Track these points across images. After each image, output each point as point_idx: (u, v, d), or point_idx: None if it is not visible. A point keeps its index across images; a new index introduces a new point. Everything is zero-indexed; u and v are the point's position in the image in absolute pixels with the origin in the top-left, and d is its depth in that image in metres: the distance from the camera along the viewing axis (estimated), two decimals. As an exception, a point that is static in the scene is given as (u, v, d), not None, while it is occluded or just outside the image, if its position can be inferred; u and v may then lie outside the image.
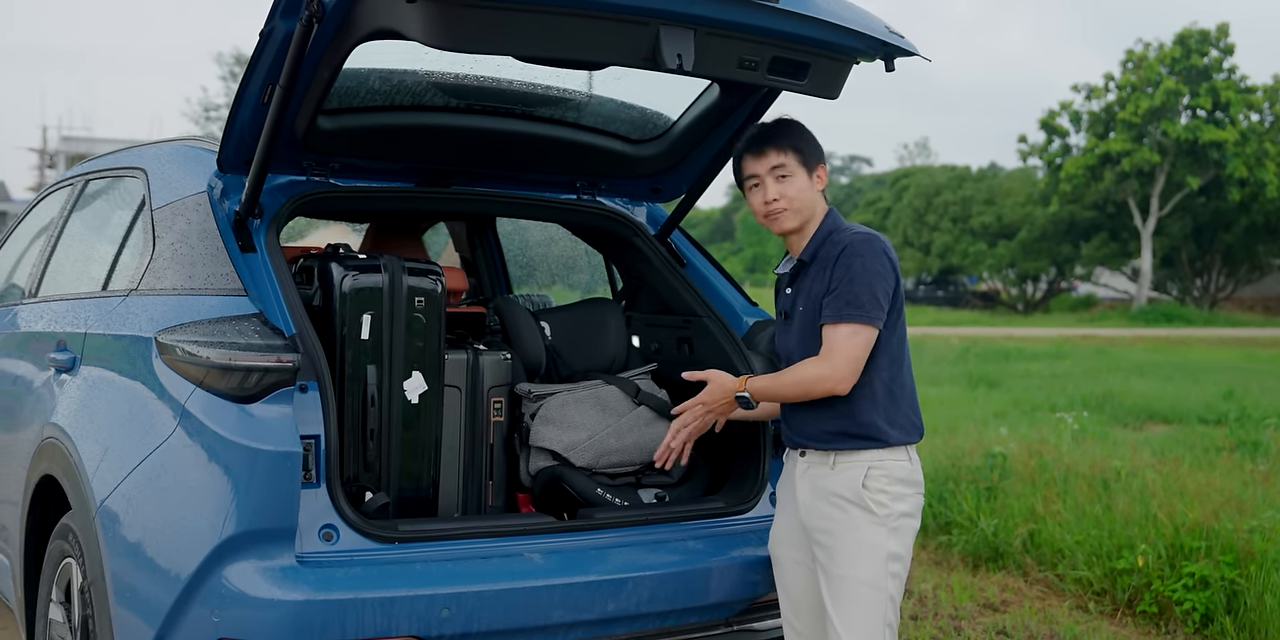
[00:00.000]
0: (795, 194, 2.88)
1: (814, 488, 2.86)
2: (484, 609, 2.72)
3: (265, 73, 2.79)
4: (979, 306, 45.42)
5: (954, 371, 15.42)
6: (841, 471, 2.82)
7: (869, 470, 2.81)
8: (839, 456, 2.83)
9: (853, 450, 2.82)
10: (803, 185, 2.89)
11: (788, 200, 2.89)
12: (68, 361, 3.26)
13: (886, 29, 2.87)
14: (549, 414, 3.36)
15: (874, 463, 2.81)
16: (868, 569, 2.78)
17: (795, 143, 2.90)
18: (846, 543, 2.79)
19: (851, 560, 2.78)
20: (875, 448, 2.82)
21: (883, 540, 2.79)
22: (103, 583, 2.78)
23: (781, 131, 2.93)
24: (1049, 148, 40.59)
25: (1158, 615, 4.97)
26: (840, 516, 2.80)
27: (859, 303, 2.76)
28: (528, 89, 3.34)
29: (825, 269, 2.84)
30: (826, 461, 2.84)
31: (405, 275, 3.09)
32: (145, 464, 2.75)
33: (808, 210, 2.91)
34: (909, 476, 2.85)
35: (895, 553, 2.80)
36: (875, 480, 2.80)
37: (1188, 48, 37.58)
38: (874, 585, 2.78)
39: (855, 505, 2.79)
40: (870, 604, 2.77)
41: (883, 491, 2.80)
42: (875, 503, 2.79)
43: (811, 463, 2.88)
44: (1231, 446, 8.45)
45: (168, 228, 3.15)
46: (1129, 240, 41.06)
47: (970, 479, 6.70)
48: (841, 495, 2.80)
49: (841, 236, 2.86)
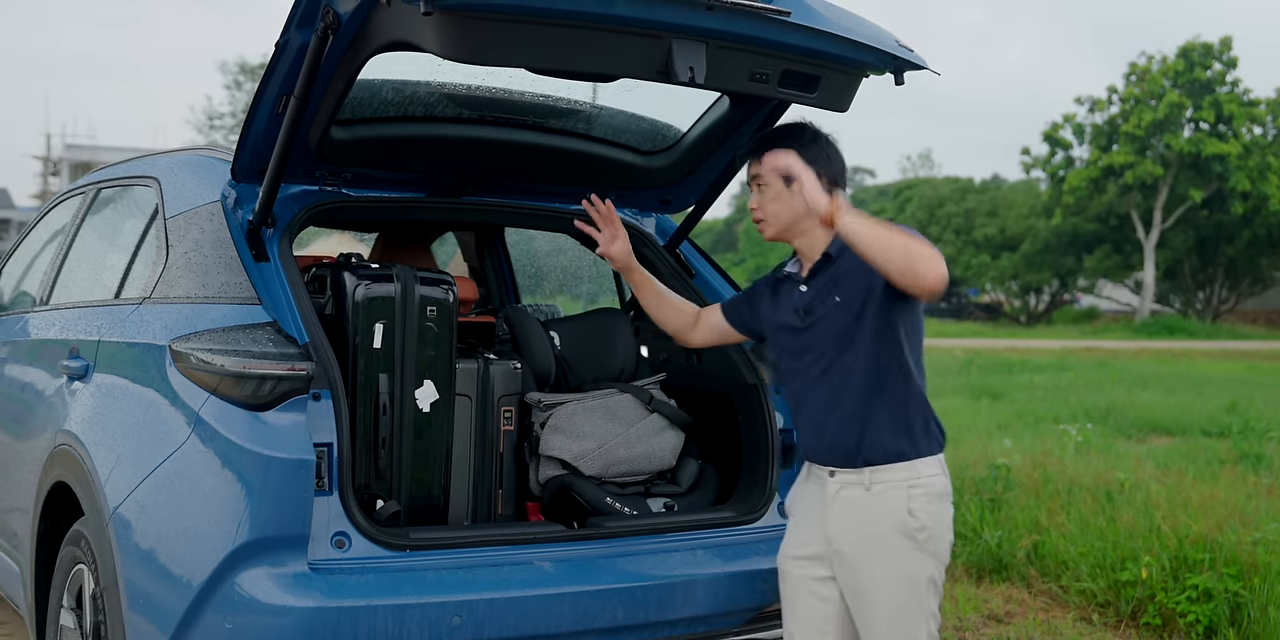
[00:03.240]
0: (768, 203, 2.85)
1: (849, 513, 2.77)
2: (495, 617, 2.73)
3: (280, 83, 2.81)
4: (981, 318, 45.41)
5: (957, 383, 15.42)
6: (880, 496, 2.73)
7: (910, 492, 2.73)
8: (874, 475, 2.74)
9: (888, 464, 2.73)
10: (775, 195, 2.83)
11: (764, 212, 2.87)
12: (81, 369, 3.28)
13: (896, 42, 2.89)
14: (559, 423, 3.38)
15: (913, 482, 2.73)
16: (911, 595, 2.73)
17: (768, 150, 2.83)
18: (885, 570, 2.73)
19: (893, 588, 2.73)
20: (911, 459, 2.74)
21: (924, 565, 2.74)
22: (116, 589, 2.80)
23: (767, 139, 2.89)
24: (1052, 160, 40.65)
25: (1161, 627, 4.98)
26: (879, 545, 2.73)
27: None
28: (539, 100, 3.37)
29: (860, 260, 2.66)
30: (861, 482, 2.75)
31: (417, 285, 3.11)
32: (159, 471, 2.77)
33: (788, 221, 2.84)
34: (945, 490, 2.79)
35: (934, 576, 2.76)
36: (917, 501, 2.72)
37: (1191, 61, 37.66)
38: (918, 608, 2.74)
39: (898, 534, 2.73)
40: (915, 627, 2.74)
41: (925, 512, 2.73)
42: (918, 529, 2.72)
43: (844, 484, 2.77)
44: (1235, 459, 8.46)
45: (181, 237, 3.18)
46: (1131, 253, 41.07)
47: (974, 490, 6.71)
48: (884, 524, 2.73)
49: None
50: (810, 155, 2.79)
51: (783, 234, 2.87)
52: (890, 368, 2.76)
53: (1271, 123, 38.13)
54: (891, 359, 2.77)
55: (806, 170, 2.69)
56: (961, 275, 44.86)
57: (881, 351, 2.76)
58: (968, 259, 44.02)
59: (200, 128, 52.11)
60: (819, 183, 2.68)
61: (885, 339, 2.76)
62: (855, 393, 2.76)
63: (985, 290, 47.10)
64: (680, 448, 3.46)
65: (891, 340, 2.77)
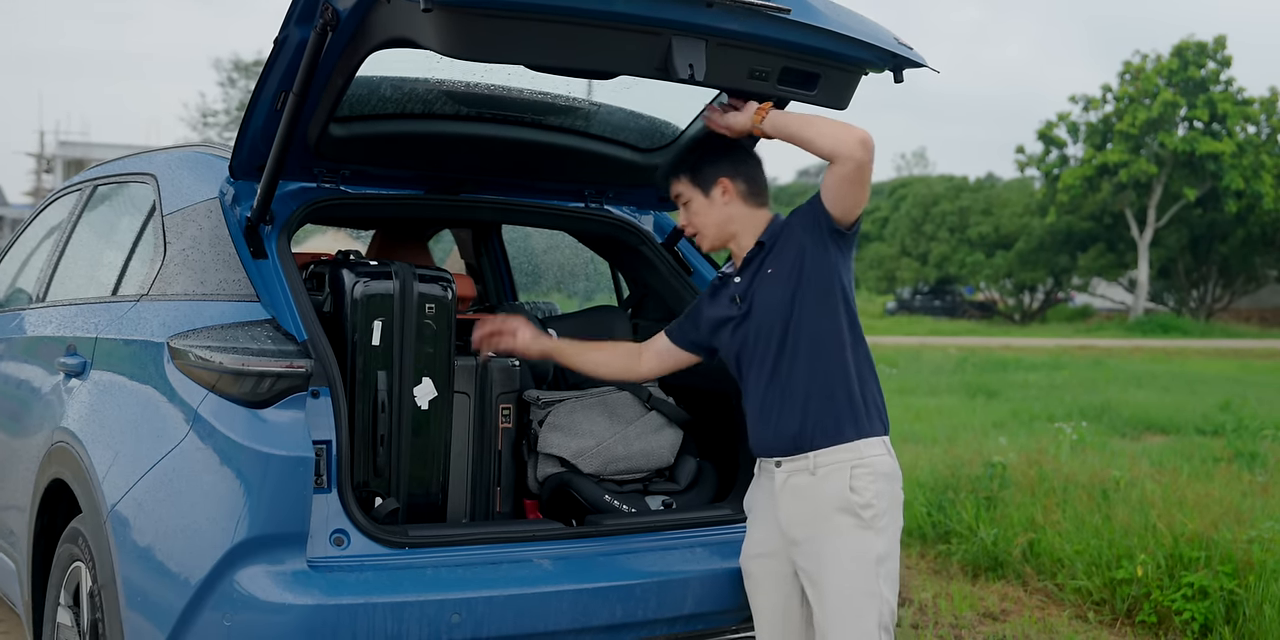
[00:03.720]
0: (697, 218, 2.97)
1: (797, 499, 2.81)
2: (494, 614, 2.73)
3: (279, 80, 2.81)
4: (976, 316, 45.47)
5: (952, 381, 15.45)
6: (824, 479, 2.77)
7: (853, 471, 2.76)
8: (818, 459, 2.78)
9: (831, 447, 2.77)
10: (699, 207, 2.96)
11: (694, 226, 2.99)
12: (78, 366, 3.27)
13: (895, 40, 2.89)
14: (557, 421, 3.38)
15: (856, 462, 2.77)
16: (858, 576, 2.74)
17: (684, 169, 2.99)
18: (833, 551, 2.75)
19: (840, 569, 2.75)
20: (853, 440, 2.77)
21: (870, 544, 2.75)
22: (114, 587, 2.79)
23: (676, 162, 3.04)
24: (1046, 158, 40.69)
25: (1157, 625, 4.99)
26: (825, 526, 2.76)
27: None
28: (537, 97, 3.37)
29: (788, 229, 2.87)
30: (807, 468, 2.79)
31: (416, 282, 3.11)
32: (157, 468, 2.77)
33: (717, 228, 2.95)
34: (890, 470, 2.82)
35: (883, 554, 2.77)
36: (860, 480, 2.76)
37: (1185, 60, 37.72)
38: (866, 591, 2.74)
39: (841, 511, 2.76)
40: (864, 611, 2.73)
41: (868, 490, 2.76)
42: (861, 506, 2.75)
43: (791, 472, 2.82)
44: (1229, 457, 8.48)
45: (179, 234, 3.17)
46: (1126, 251, 41.14)
47: (970, 488, 6.71)
48: (829, 504, 2.76)
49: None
50: (701, 167, 2.98)
51: (718, 240, 2.98)
52: (831, 341, 2.81)
53: (1265, 121, 38.20)
54: (832, 330, 2.82)
55: (721, 125, 2.91)
56: (956, 273, 44.92)
57: (821, 320, 2.81)
58: (962, 257, 44.07)
59: (194, 125, 52.08)
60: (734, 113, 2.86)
61: (824, 306, 2.81)
62: (799, 375, 2.80)
63: (980, 288, 47.17)
64: (678, 445, 3.46)
65: (830, 307, 2.82)
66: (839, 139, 2.70)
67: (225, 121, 51.15)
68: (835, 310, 2.82)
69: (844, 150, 2.69)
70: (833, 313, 2.82)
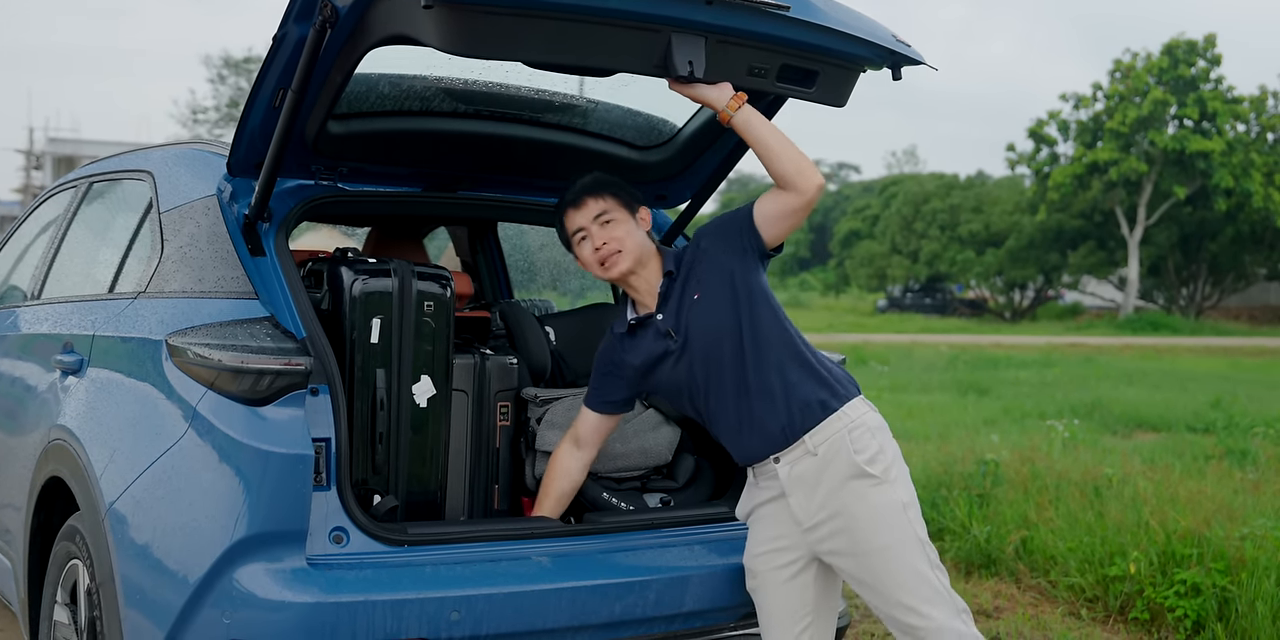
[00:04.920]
0: (624, 235, 2.97)
1: (808, 484, 2.83)
2: (493, 612, 2.73)
3: (277, 77, 2.80)
4: (966, 314, 45.58)
5: (944, 378, 15.48)
6: (826, 454, 2.80)
7: (850, 435, 2.81)
8: (813, 438, 2.81)
9: (820, 424, 2.81)
10: (629, 228, 2.98)
11: (617, 242, 2.97)
12: (75, 363, 3.26)
13: (894, 37, 2.90)
14: (555, 418, 3.37)
15: (850, 426, 2.82)
16: (894, 528, 2.79)
17: (611, 190, 3.01)
18: (863, 517, 2.79)
19: (875, 530, 2.79)
20: (838, 408, 2.82)
21: (891, 495, 2.81)
22: (112, 585, 2.78)
23: (595, 182, 3.04)
24: (1037, 156, 40.80)
25: (1149, 622, 5.01)
26: (846, 496, 2.80)
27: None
28: (535, 95, 3.37)
29: (701, 254, 2.92)
30: (807, 451, 2.82)
31: (415, 280, 3.10)
32: (156, 466, 2.76)
33: (638, 250, 2.98)
34: (881, 424, 2.89)
35: (906, 501, 2.83)
36: (860, 440, 2.81)
37: (1175, 58, 37.82)
38: (905, 538, 2.79)
39: (855, 478, 2.79)
40: (910, 557, 2.79)
41: (870, 446, 2.81)
42: (869, 463, 2.79)
43: (792, 463, 2.84)
44: (1220, 455, 8.50)
45: (176, 231, 3.16)
46: (1116, 249, 41.26)
47: (963, 485, 6.73)
48: (840, 475, 2.80)
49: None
50: (625, 193, 3.05)
51: (635, 264, 2.98)
52: (779, 340, 2.87)
53: (1255, 120, 38.32)
54: (776, 331, 2.88)
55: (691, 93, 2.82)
56: (946, 271, 45.00)
57: (762, 325, 2.87)
58: (952, 255, 44.15)
59: (184, 122, 51.89)
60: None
61: (763, 314, 2.88)
62: (767, 378, 2.84)
63: (970, 286, 47.27)
64: (676, 443, 3.47)
65: (768, 313, 2.89)
66: (802, 170, 2.76)
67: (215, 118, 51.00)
68: (774, 315, 2.91)
69: (802, 182, 2.76)
70: (771, 316, 2.90)
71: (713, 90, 2.78)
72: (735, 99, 2.78)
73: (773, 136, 2.79)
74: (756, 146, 2.81)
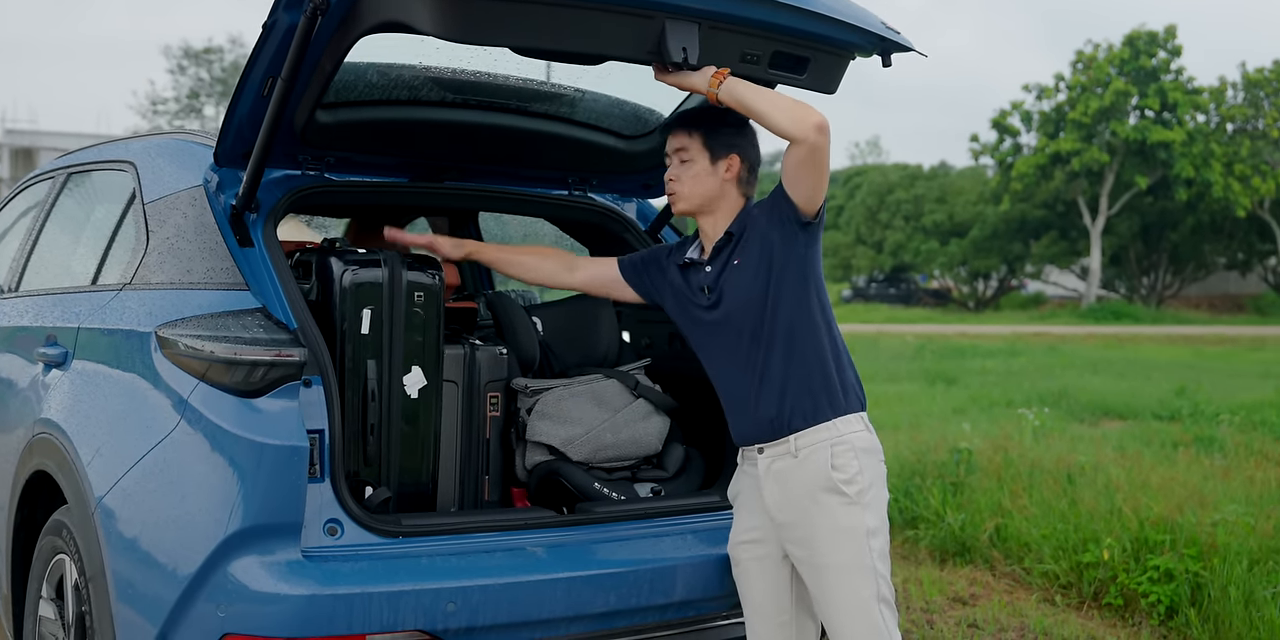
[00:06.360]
0: (689, 178, 2.91)
1: (782, 483, 2.82)
2: (489, 602, 2.72)
3: (266, 66, 2.77)
4: (931, 304, 45.85)
5: (911, 368, 15.59)
6: (807, 459, 2.78)
7: (833, 449, 2.77)
8: (799, 441, 2.79)
9: (810, 427, 2.78)
10: (699, 171, 2.90)
11: (679, 183, 2.92)
12: (59, 356, 3.23)
13: (883, 24, 2.91)
14: (545, 409, 3.37)
15: (835, 440, 2.78)
16: (850, 552, 2.75)
17: (702, 129, 2.92)
18: (823, 531, 2.76)
19: (832, 547, 2.76)
20: (831, 419, 2.79)
21: (858, 519, 2.76)
22: (102, 579, 2.75)
23: (696, 115, 2.96)
24: (1000, 147, 41.07)
25: (1123, 607, 5.07)
26: (812, 507, 2.77)
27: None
28: (522, 84, 3.35)
29: (753, 222, 2.85)
30: (789, 451, 2.81)
31: (405, 270, 3.09)
32: (146, 459, 2.73)
33: (699, 198, 2.91)
34: (871, 446, 2.83)
35: (873, 528, 2.77)
36: (841, 458, 2.77)
37: (1136, 49, 38.17)
38: (859, 566, 2.74)
39: (826, 491, 2.76)
40: (860, 585, 2.74)
41: (850, 466, 2.77)
42: (844, 482, 2.76)
43: (774, 457, 2.83)
44: (1189, 442, 8.62)
45: (161, 222, 3.13)
46: (1078, 239, 41.64)
47: (936, 474, 6.78)
48: (812, 485, 2.77)
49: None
50: (720, 136, 2.91)
51: (694, 210, 2.95)
52: (805, 330, 2.82)
53: (1215, 110, 38.75)
54: (805, 319, 2.82)
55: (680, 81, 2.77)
56: (911, 261, 45.23)
57: (795, 310, 2.82)
58: (917, 245, 44.38)
59: (144, 113, 51.37)
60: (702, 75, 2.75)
61: (797, 297, 2.82)
62: (775, 364, 2.81)
63: (934, 276, 47.54)
64: (666, 432, 3.47)
65: (802, 297, 2.83)
66: (795, 118, 2.66)
67: (175, 109, 50.49)
68: (808, 300, 2.83)
69: (799, 131, 2.66)
70: (805, 303, 2.83)
71: (695, 77, 2.75)
72: (716, 76, 2.72)
73: (761, 99, 2.71)
74: (751, 114, 2.73)
